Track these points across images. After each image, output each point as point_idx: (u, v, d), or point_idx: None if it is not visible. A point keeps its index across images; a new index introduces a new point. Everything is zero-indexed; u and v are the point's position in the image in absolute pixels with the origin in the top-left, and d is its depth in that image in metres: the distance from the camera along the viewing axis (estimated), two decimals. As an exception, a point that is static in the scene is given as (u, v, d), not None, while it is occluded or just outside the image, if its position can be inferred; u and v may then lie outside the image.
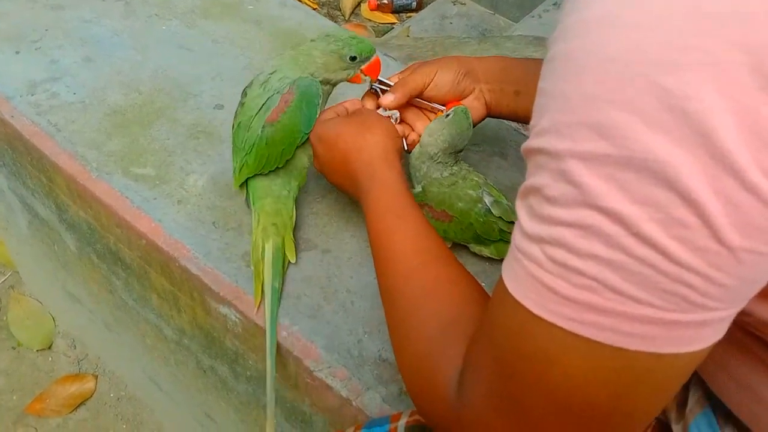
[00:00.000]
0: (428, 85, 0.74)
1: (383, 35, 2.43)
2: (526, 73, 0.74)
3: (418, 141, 0.76)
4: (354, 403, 0.68)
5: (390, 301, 0.55)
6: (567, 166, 0.32)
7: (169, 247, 0.78)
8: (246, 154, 0.74)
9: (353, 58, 0.73)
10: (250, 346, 0.79)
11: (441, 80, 0.74)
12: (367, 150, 0.65)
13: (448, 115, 0.73)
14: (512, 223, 0.72)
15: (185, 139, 0.90)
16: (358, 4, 2.63)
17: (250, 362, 0.82)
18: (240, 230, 0.80)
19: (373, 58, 0.75)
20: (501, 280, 0.38)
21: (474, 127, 0.75)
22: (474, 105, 0.76)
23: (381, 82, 0.77)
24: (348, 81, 0.76)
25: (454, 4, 2.53)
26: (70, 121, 0.90)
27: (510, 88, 0.75)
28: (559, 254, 0.33)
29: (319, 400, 0.73)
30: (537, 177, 0.35)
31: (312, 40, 0.75)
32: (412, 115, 0.78)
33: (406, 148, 0.76)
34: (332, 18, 2.56)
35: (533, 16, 2.15)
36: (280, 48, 1.06)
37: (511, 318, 0.37)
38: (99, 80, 0.96)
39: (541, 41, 1.80)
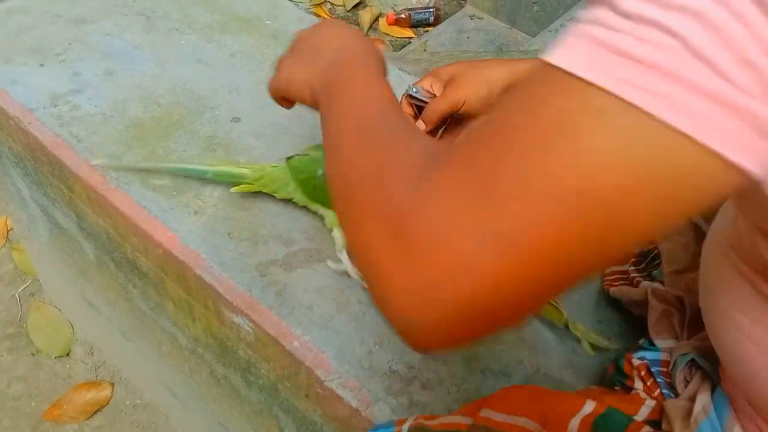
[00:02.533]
0: (457, 109, 0.74)
1: (400, 49, 2.45)
2: None
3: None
4: (364, 413, 0.68)
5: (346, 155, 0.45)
6: None
7: (185, 257, 0.80)
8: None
9: None
10: (262, 356, 0.80)
11: (471, 102, 0.74)
12: (354, 35, 0.60)
13: None
14: None
15: (202, 151, 0.91)
16: (376, 19, 2.66)
17: (263, 371, 0.83)
18: (254, 240, 0.81)
19: None
20: (529, 72, 0.32)
21: None
22: None
23: (418, 99, 0.77)
24: None
25: (472, 19, 2.55)
26: (90, 132, 0.92)
27: None
28: (635, 5, 0.28)
29: (330, 410, 0.73)
30: None
31: None
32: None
33: None
34: (350, 32, 2.59)
35: (550, 31, 2.16)
36: (297, 62, 1.07)
37: (537, 87, 0.30)
38: (119, 93, 0.98)
39: (557, 56, 1.80)
